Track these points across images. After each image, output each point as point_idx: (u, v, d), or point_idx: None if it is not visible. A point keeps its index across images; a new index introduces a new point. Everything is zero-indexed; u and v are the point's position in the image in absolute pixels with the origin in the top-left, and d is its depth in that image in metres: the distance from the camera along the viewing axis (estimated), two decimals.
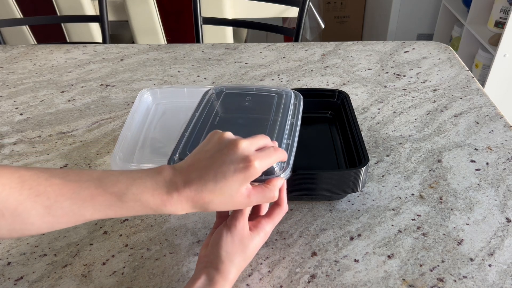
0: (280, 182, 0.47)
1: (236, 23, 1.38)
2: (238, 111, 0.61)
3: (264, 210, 0.51)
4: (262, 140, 0.45)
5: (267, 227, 0.48)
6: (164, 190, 0.41)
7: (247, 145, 0.43)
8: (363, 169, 0.55)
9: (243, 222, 0.46)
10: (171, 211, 0.41)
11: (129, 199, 0.40)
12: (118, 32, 2.08)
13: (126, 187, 0.40)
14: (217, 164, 0.41)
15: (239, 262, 0.45)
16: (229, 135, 0.45)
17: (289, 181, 0.53)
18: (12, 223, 0.38)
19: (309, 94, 0.75)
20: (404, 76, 0.94)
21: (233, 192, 0.42)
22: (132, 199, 0.40)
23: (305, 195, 0.60)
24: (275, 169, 0.47)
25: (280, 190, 0.49)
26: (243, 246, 0.45)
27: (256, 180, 0.44)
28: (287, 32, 1.30)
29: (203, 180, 0.41)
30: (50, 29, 1.78)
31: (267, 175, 0.46)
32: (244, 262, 0.46)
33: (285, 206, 0.49)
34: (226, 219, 0.48)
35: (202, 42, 1.32)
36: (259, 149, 0.44)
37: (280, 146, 0.52)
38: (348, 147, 0.65)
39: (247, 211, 0.47)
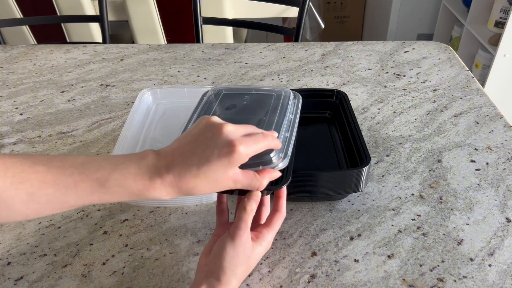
0: (273, 175, 0.45)
1: (236, 23, 1.38)
2: (236, 110, 0.60)
3: (263, 217, 0.50)
4: (250, 127, 0.44)
5: (269, 237, 0.48)
6: (146, 176, 0.40)
7: (232, 130, 0.42)
8: (365, 169, 0.55)
9: (247, 233, 0.45)
10: (155, 196, 0.41)
11: (112, 184, 0.40)
12: (118, 32, 2.08)
13: (108, 173, 0.40)
14: (201, 148, 0.41)
15: (241, 273, 0.45)
16: (215, 119, 0.43)
17: (290, 181, 0.53)
18: None
19: (307, 95, 0.75)
20: (404, 76, 0.94)
21: (218, 177, 0.40)
22: (115, 185, 0.40)
23: (306, 195, 0.60)
24: (273, 158, 0.45)
25: (279, 197, 0.49)
26: (246, 258, 0.45)
27: (251, 168, 0.43)
28: (287, 32, 1.30)
29: (185, 164, 0.40)
30: (50, 29, 1.78)
31: (265, 165, 0.45)
32: (246, 273, 0.46)
33: (283, 212, 0.49)
34: (226, 226, 0.48)
35: (202, 42, 1.32)
36: (247, 135, 0.42)
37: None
38: (349, 146, 0.64)
39: (250, 222, 0.46)
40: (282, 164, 0.46)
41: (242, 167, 0.42)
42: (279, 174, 0.47)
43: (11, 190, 0.38)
